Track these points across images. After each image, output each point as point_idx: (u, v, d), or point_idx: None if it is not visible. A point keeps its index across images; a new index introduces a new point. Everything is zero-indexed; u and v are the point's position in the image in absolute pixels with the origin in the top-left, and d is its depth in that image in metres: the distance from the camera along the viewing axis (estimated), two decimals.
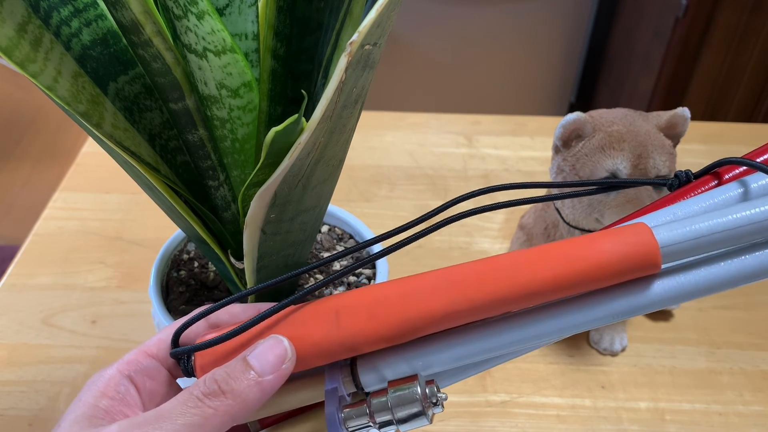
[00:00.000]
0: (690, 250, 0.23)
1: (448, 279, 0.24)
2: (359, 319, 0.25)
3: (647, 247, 0.23)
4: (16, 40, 0.28)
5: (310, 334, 0.26)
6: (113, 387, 0.27)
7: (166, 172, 0.36)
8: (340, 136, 0.30)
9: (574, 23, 1.58)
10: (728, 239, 0.22)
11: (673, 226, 0.23)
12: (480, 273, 0.24)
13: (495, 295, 0.24)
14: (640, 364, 0.56)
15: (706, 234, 0.22)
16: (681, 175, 0.27)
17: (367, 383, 0.26)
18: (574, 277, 0.23)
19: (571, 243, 0.24)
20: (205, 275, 0.44)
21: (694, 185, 0.27)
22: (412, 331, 0.25)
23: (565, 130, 0.49)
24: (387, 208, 0.72)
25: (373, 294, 0.26)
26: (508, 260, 0.24)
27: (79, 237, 0.67)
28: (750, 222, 0.22)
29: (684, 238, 0.23)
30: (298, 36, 0.33)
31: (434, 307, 0.24)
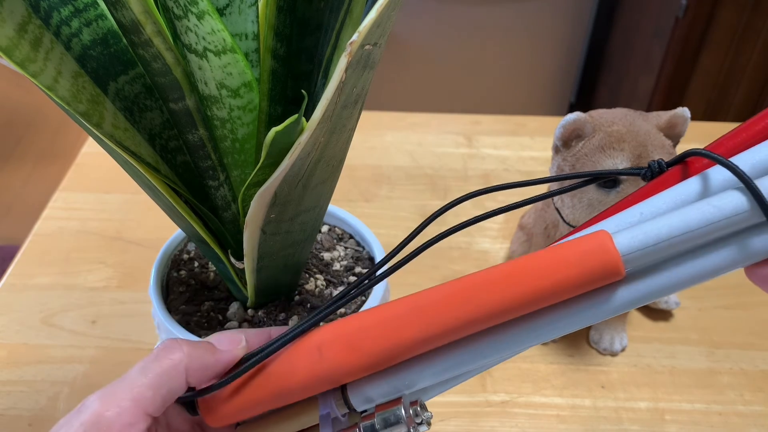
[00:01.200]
0: (652, 254, 0.23)
1: (419, 305, 0.25)
2: (340, 352, 0.26)
3: (609, 257, 0.23)
4: (16, 40, 0.28)
5: (297, 371, 0.27)
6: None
7: (166, 172, 0.36)
8: (340, 136, 0.30)
9: (574, 23, 1.58)
10: (689, 240, 0.23)
11: (634, 232, 0.23)
12: (447, 297, 0.25)
13: (463, 319, 0.24)
14: (640, 364, 0.56)
15: (665, 238, 0.23)
16: (653, 165, 0.27)
17: (358, 405, 0.28)
18: (540, 294, 0.24)
19: (534, 259, 0.24)
20: (205, 275, 0.44)
21: (667, 176, 0.27)
22: (391, 359, 0.26)
23: (565, 130, 0.49)
24: (387, 208, 0.72)
25: (352, 325, 0.27)
26: (473, 282, 0.25)
27: (79, 237, 0.67)
28: (708, 222, 0.22)
29: (644, 244, 0.23)
30: (298, 36, 0.33)
31: (409, 335, 0.25)
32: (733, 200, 0.22)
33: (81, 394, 0.53)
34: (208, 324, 0.41)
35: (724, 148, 0.26)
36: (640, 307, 0.61)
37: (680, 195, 0.24)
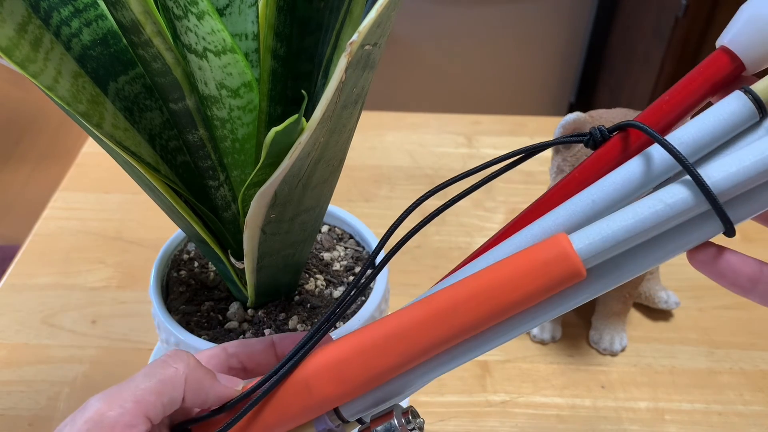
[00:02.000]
0: (609, 253, 0.24)
1: (396, 332, 0.27)
2: (328, 385, 0.28)
3: (571, 264, 0.24)
4: (16, 40, 0.28)
5: (289, 408, 0.28)
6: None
7: (166, 172, 0.36)
8: (340, 136, 0.30)
9: (574, 23, 1.58)
10: (642, 236, 0.24)
11: (592, 236, 0.24)
12: (422, 321, 0.26)
13: (439, 339, 0.26)
14: (640, 364, 0.56)
15: (622, 239, 0.24)
16: (596, 132, 0.28)
17: (349, 416, 0.29)
18: (509, 308, 0.25)
19: (498, 273, 0.25)
20: (205, 275, 0.44)
21: (610, 144, 0.27)
22: (377, 382, 0.27)
23: (565, 130, 0.49)
24: (387, 208, 0.72)
25: (336, 357, 0.28)
26: (445, 304, 0.26)
27: (79, 237, 0.67)
28: (660, 219, 0.23)
29: (602, 247, 0.24)
30: (298, 36, 0.33)
31: (391, 360, 0.27)
32: (683, 196, 0.23)
33: (81, 394, 0.53)
34: (208, 324, 0.41)
35: (665, 109, 0.27)
36: (640, 307, 0.61)
37: (628, 177, 0.25)
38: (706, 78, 0.26)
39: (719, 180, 0.23)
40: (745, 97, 0.24)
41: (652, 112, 0.27)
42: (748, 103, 0.24)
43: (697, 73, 0.26)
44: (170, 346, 0.40)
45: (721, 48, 0.26)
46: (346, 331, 0.39)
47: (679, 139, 0.24)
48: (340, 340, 0.28)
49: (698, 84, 0.26)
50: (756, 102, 0.24)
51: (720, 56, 0.26)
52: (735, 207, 0.24)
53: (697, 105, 0.27)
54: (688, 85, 0.26)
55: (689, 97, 0.26)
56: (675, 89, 0.27)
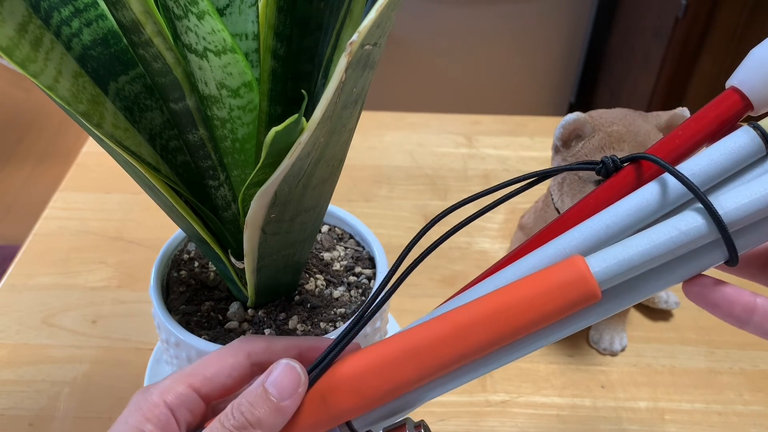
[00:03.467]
0: (624, 277, 0.25)
1: (414, 347, 0.27)
2: (344, 399, 0.28)
3: (588, 287, 0.25)
4: (16, 40, 0.28)
5: (304, 420, 0.28)
6: (156, 414, 0.28)
7: (166, 172, 0.36)
8: (340, 136, 0.30)
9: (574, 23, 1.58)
10: (656, 262, 0.25)
11: (608, 260, 0.25)
12: (441, 338, 0.27)
13: (456, 357, 0.27)
14: (640, 364, 0.56)
15: (637, 264, 0.25)
16: (608, 161, 0.29)
17: (360, 428, 0.30)
18: (526, 328, 0.26)
19: (517, 293, 0.26)
20: (206, 275, 0.44)
21: (623, 174, 0.28)
22: (392, 396, 0.28)
23: (565, 130, 0.49)
24: (387, 208, 0.72)
25: (352, 371, 0.28)
26: (464, 322, 0.27)
27: (79, 237, 0.67)
28: (674, 246, 0.25)
29: (618, 271, 0.25)
30: (298, 36, 0.33)
31: (407, 376, 0.27)
32: (697, 224, 0.25)
33: (81, 394, 0.53)
34: (208, 324, 0.41)
35: (676, 142, 0.28)
36: (639, 307, 0.61)
37: (641, 204, 0.26)
38: (717, 115, 0.28)
39: (731, 210, 0.24)
40: (753, 132, 0.26)
41: (663, 144, 0.29)
42: (756, 138, 0.26)
43: (707, 110, 0.28)
44: (170, 346, 0.40)
45: (731, 88, 0.28)
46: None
47: (690, 170, 0.26)
48: (356, 355, 0.28)
49: (708, 120, 0.28)
50: (763, 137, 0.26)
51: (730, 95, 0.27)
52: (740, 237, 0.25)
53: (706, 140, 0.28)
54: (699, 120, 0.28)
55: (699, 132, 0.28)
56: (686, 124, 0.28)
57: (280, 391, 0.28)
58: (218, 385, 0.30)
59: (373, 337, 0.42)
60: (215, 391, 0.30)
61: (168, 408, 0.28)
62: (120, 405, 0.52)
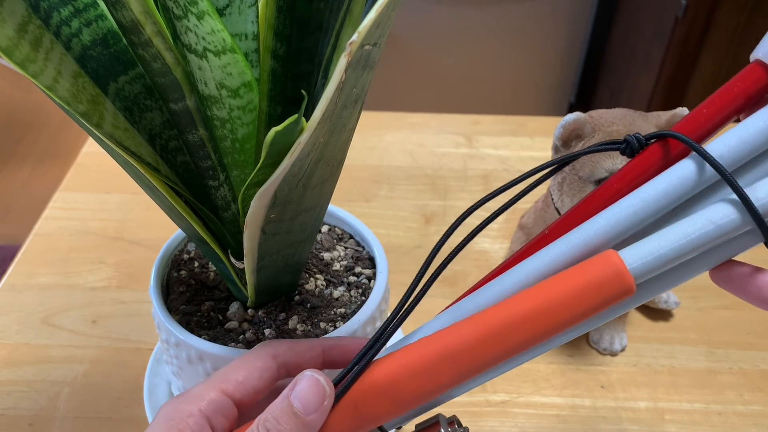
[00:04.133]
0: (660, 269, 0.25)
1: (449, 352, 0.27)
2: (379, 406, 0.27)
3: (624, 283, 0.25)
4: (16, 40, 0.28)
5: (335, 428, 0.28)
6: (190, 426, 0.27)
7: (166, 172, 0.36)
8: (340, 136, 0.30)
9: (574, 23, 1.58)
10: (693, 252, 0.25)
11: (643, 256, 0.25)
12: (477, 341, 0.26)
13: (493, 359, 0.26)
14: (640, 364, 0.56)
15: (673, 258, 0.25)
16: (632, 139, 0.28)
17: (389, 427, 0.30)
18: (563, 326, 0.26)
19: (552, 292, 0.26)
20: (206, 275, 0.44)
21: (648, 153, 0.28)
22: (427, 399, 0.28)
23: (565, 130, 0.49)
24: (387, 208, 0.72)
25: (385, 376, 0.27)
26: (500, 323, 0.26)
27: (79, 237, 0.67)
28: (709, 239, 0.24)
29: (653, 266, 0.25)
30: (298, 36, 0.33)
31: (443, 381, 0.27)
32: (733, 217, 0.24)
33: (81, 394, 0.53)
34: (208, 324, 0.41)
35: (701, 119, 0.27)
36: (640, 307, 0.61)
37: (668, 189, 0.26)
38: (742, 90, 0.27)
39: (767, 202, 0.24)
40: None
41: (688, 121, 0.27)
42: None
43: (732, 85, 0.27)
44: (170, 346, 0.40)
45: (756, 61, 0.26)
46: (346, 330, 0.39)
47: (718, 150, 0.25)
48: (385, 360, 0.28)
49: (733, 95, 0.27)
50: None
51: (755, 69, 0.26)
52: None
53: (732, 116, 0.27)
54: (724, 96, 0.27)
55: (724, 108, 0.27)
56: (711, 100, 0.27)
57: (305, 405, 0.27)
58: (250, 388, 0.29)
59: None
60: (248, 395, 0.29)
61: (204, 416, 0.28)
62: (120, 405, 0.52)
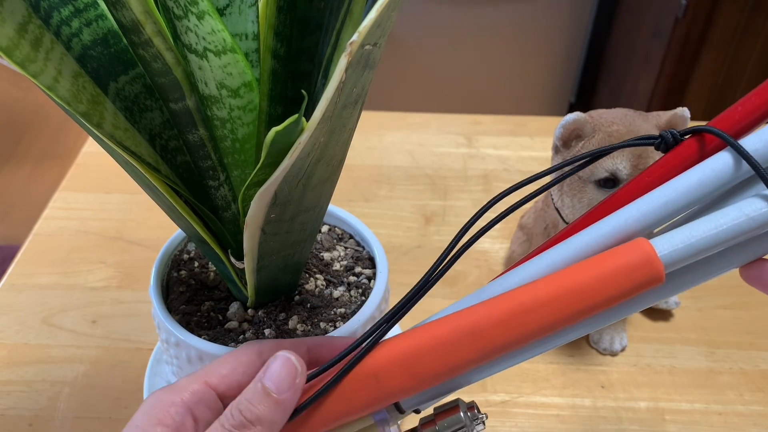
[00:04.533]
0: (690, 258, 0.25)
1: (472, 329, 0.26)
2: (399, 379, 0.27)
3: (655, 270, 0.25)
4: (16, 39, 0.28)
5: (358, 399, 0.28)
6: (171, 416, 0.28)
7: (166, 172, 0.36)
8: (340, 136, 0.30)
9: (574, 23, 1.58)
10: (724, 244, 0.25)
11: (674, 243, 0.25)
12: (500, 321, 0.26)
13: (517, 340, 0.26)
14: (640, 364, 0.56)
15: (704, 248, 0.25)
16: (667, 135, 0.28)
17: (407, 408, 0.30)
18: (590, 311, 0.25)
19: (581, 276, 0.25)
20: (206, 275, 0.44)
21: (682, 148, 0.28)
22: (447, 377, 0.27)
23: (565, 130, 0.49)
24: (387, 208, 0.72)
25: (407, 351, 0.27)
26: (524, 305, 0.26)
27: (79, 237, 0.67)
28: (741, 232, 0.24)
29: (684, 255, 0.25)
30: (298, 36, 0.33)
31: (464, 358, 0.27)
32: (764, 209, 0.24)
33: (81, 394, 0.53)
34: (208, 324, 0.41)
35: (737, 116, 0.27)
36: None
37: (702, 180, 0.26)
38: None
39: None
40: None
41: (723, 118, 0.27)
42: None
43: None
44: (170, 346, 0.40)
45: None
46: (346, 330, 0.39)
47: (753, 146, 0.25)
48: (410, 333, 0.28)
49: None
50: None
51: None
52: None
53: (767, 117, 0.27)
54: (761, 95, 0.27)
55: (761, 107, 0.27)
56: (747, 99, 0.27)
57: (278, 384, 0.28)
58: (233, 382, 0.30)
59: None
60: (231, 389, 0.30)
61: (185, 406, 0.28)
62: (120, 405, 0.52)
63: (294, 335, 0.40)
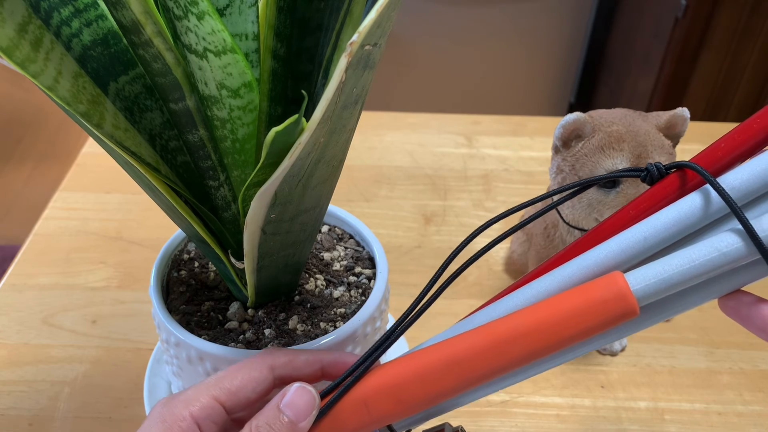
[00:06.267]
0: (663, 292, 0.26)
1: (456, 358, 0.28)
2: (387, 406, 0.29)
3: (628, 304, 0.25)
4: (16, 40, 0.28)
5: (349, 424, 0.29)
6: (183, 428, 0.28)
7: (166, 172, 0.36)
8: (340, 136, 0.30)
9: (574, 23, 1.58)
10: (697, 278, 0.25)
11: (648, 278, 0.25)
12: (482, 351, 0.27)
13: (498, 369, 0.27)
14: (640, 364, 0.56)
15: (676, 283, 0.25)
16: (652, 168, 0.28)
17: (399, 429, 0.31)
18: (566, 342, 0.26)
19: (557, 309, 0.26)
20: (206, 275, 0.44)
21: (666, 181, 0.28)
22: (432, 404, 0.29)
23: (565, 130, 0.49)
24: (387, 208, 0.72)
25: (393, 377, 0.29)
26: (504, 336, 0.27)
27: (79, 237, 0.67)
28: (714, 267, 0.25)
29: (657, 288, 0.25)
30: (298, 36, 0.33)
31: (449, 385, 0.28)
32: (737, 246, 0.24)
33: (81, 394, 0.53)
34: (209, 324, 0.41)
35: (720, 153, 0.27)
36: None
37: (680, 217, 0.26)
38: (763, 127, 0.27)
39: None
40: None
41: (707, 154, 0.28)
42: None
43: (752, 121, 0.27)
44: (170, 346, 0.40)
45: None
46: (346, 330, 0.39)
47: (730, 183, 0.25)
48: (397, 362, 0.29)
49: (754, 132, 0.27)
50: None
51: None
52: None
53: (751, 153, 0.28)
54: (744, 132, 0.27)
55: (743, 144, 0.27)
56: (731, 135, 0.28)
57: (296, 413, 0.29)
58: (242, 398, 0.30)
59: (374, 337, 0.42)
60: (239, 405, 0.30)
61: (194, 421, 0.29)
62: (120, 405, 0.52)
63: (294, 335, 0.40)
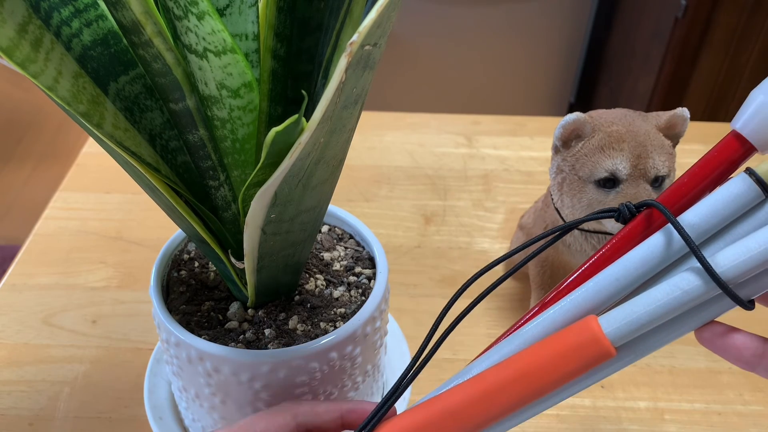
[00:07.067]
0: (635, 332, 0.27)
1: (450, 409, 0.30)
2: None
3: (602, 347, 0.27)
4: (16, 40, 0.28)
5: None
6: None
7: (166, 172, 0.36)
8: (341, 136, 0.30)
9: (574, 23, 1.58)
10: (664, 317, 0.27)
11: (619, 321, 0.27)
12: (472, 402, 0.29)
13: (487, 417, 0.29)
14: (640, 364, 0.56)
15: (646, 323, 0.26)
16: (623, 209, 0.30)
17: None
18: (548, 388, 0.28)
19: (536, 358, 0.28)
20: (206, 275, 0.44)
21: (637, 221, 0.30)
22: None
23: (565, 130, 0.49)
24: (387, 208, 0.72)
25: (414, 423, 0.30)
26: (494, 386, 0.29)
27: (79, 237, 0.67)
28: (679, 305, 0.26)
29: (628, 330, 0.27)
30: (298, 36, 0.33)
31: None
32: (697, 283, 0.26)
33: (81, 394, 0.53)
34: (209, 324, 0.41)
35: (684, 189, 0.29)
36: None
37: (647, 256, 0.28)
38: (720, 161, 0.28)
39: (728, 269, 0.25)
40: (749, 179, 0.26)
41: (672, 192, 0.29)
42: (752, 185, 0.26)
43: (711, 156, 0.29)
44: (170, 346, 0.40)
45: (732, 132, 0.28)
46: (346, 330, 0.39)
47: (689, 221, 0.27)
48: (394, 421, 0.31)
49: (713, 166, 0.29)
50: (759, 183, 0.26)
51: (731, 141, 0.28)
52: (744, 288, 0.26)
53: (715, 185, 0.29)
54: (703, 167, 0.29)
55: (704, 179, 0.29)
56: (692, 172, 0.29)
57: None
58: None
59: (374, 338, 0.42)
60: None
61: None
62: (120, 405, 0.52)
63: (294, 335, 0.40)
